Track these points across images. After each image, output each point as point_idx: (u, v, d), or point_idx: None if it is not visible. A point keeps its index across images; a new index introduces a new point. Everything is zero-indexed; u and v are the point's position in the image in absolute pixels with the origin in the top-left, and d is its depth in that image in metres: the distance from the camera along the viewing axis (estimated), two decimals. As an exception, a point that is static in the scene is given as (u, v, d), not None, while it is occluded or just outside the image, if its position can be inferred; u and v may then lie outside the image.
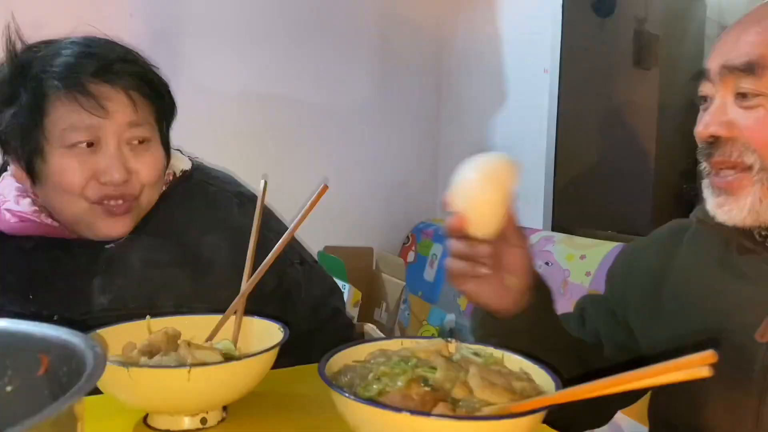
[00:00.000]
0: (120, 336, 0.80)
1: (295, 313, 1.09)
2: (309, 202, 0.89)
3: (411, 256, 2.67)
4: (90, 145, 0.96)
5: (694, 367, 0.46)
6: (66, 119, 0.95)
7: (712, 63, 0.73)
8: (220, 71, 2.21)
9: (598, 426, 0.97)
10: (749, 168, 0.70)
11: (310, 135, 2.44)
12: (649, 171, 3.12)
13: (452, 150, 2.77)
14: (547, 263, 1.57)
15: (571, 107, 2.41)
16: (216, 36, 2.19)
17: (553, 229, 2.10)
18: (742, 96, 0.70)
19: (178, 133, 1.13)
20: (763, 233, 0.76)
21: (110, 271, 1.03)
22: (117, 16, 2.00)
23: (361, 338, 1.29)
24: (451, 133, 2.76)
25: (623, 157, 2.99)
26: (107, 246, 1.03)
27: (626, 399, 0.95)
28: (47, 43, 1.01)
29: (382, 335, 1.80)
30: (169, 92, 1.07)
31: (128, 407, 0.76)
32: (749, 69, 0.68)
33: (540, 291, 0.84)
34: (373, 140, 2.61)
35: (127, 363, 0.71)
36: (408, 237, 2.74)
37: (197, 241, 1.06)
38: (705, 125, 0.73)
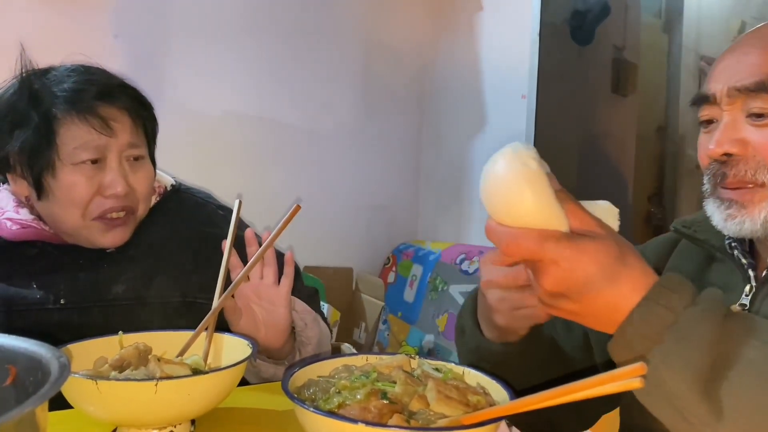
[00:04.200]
0: (93, 351, 0.82)
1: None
2: (281, 222, 0.92)
3: (391, 277, 2.70)
4: (94, 162, 1.04)
5: (628, 378, 0.50)
6: (77, 139, 1.03)
7: (716, 87, 0.76)
8: (203, 93, 2.24)
9: (584, 429, 0.97)
10: (762, 185, 0.72)
11: (292, 157, 2.47)
12: (626, 196, 3.18)
13: (432, 173, 2.82)
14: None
15: (548, 132, 2.46)
16: (200, 58, 2.22)
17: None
18: (755, 116, 0.72)
19: (161, 153, 1.19)
20: (733, 244, 0.79)
21: (117, 266, 1.10)
22: (101, 37, 2.03)
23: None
24: (432, 157, 2.81)
25: (600, 182, 3.04)
26: (108, 250, 1.11)
27: (609, 403, 0.94)
28: (47, 71, 1.09)
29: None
30: (154, 113, 1.15)
31: (97, 421, 0.78)
32: (760, 88, 0.71)
33: None
34: (355, 163, 2.64)
35: (95, 376, 0.73)
36: (389, 258, 2.77)
37: (191, 241, 1.16)
38: (718, 143, 0.74)
